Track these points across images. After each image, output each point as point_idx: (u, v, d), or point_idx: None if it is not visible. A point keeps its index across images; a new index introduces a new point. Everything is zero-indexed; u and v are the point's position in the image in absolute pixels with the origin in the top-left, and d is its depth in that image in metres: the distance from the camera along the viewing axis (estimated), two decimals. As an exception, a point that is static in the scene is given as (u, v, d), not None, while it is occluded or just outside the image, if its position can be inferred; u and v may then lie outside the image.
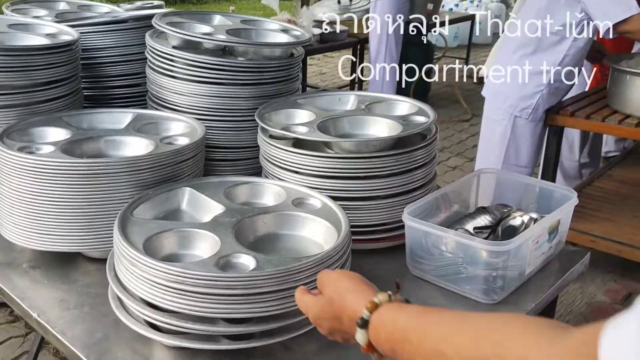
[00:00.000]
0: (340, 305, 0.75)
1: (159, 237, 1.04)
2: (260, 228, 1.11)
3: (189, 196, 1.19)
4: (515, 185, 1.47)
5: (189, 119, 1.43)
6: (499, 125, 2.70)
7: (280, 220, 1.13)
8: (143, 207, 1.13)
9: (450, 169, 4.33)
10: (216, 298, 0.92)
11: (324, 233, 1.09)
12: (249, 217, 1.10)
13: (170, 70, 1.50)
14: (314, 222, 1.12)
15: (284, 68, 1.55)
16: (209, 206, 1.15)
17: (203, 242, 1.04)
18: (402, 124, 1.35)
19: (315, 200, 1.19)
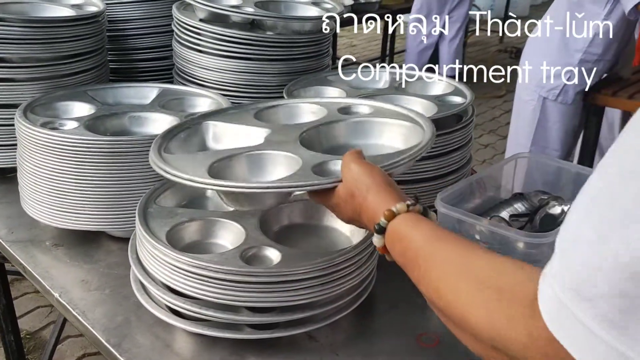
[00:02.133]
0: (360, 204, 0.76)
1: (182, 225, 1.00)
2: (285, 218, 1.08)
3: None
4: (554, 171, 1.39)
5: (215, 95, 1.39)
6: (529, 106, 2.62)
7: (306, 211, 1.09)
8: (166, 193, 1.10)
9: (483, 147, 4.23)
10: (240, 286, 0.89)
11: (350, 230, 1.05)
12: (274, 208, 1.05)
13: (197, 44, 1.45)
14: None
15: (314, 43, 1.49)
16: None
17: (227, 231, 1.01)
18: (437, 104, 1.28)
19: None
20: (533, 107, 2.62)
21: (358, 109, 1.07)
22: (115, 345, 0.95)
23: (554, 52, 2.50)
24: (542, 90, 2.54)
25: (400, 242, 0.70)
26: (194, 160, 0.91)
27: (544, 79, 2.52)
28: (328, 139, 0.99)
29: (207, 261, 0.88)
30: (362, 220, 0.78)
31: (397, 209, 0.71)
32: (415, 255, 0.67)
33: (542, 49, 2.56)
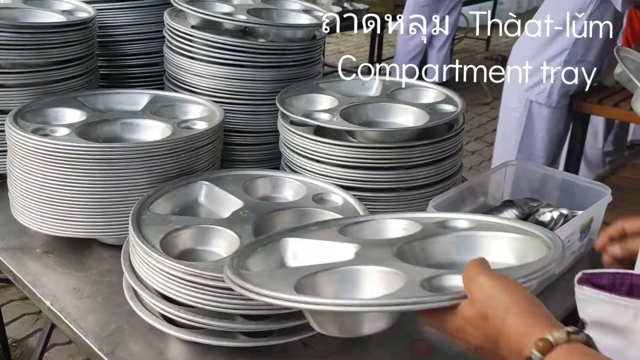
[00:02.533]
0: (497, 329, 0.62)
1: (176, 233, 1.00)
2: (280, 225, 1.07)
3: (206, 190, 1.15)
4: (540, 178, 1.41)
5: (207, 102, 1.39)
6: (515, 113, 2.65)
7: (301, 217, 1.08)
8: (160, 200, 1.09)
9: (469, 154, 4.26)
10: (235, 294, 0.88)
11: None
12: (269, 214, 1.06)
13: (189, 51, 1.45)
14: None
15: (305, 51, 1.49)
16: (227, 200, 1.11)
17: (221, 239, 1.00)
18: (428, 112, 1.29)
19: (336, 197, 1.14)
20: (519, 114, 2.65)
21: (457, 223, 0.94)
22: (109, 353, 0.95)
23: (539, 52, 2.54)
24: (529, 94, 2.57)
25: None
26: (276, 276, 0.81)
27: (528, 79, 2.55)
28: (427, 256, 0.86)
29: (202, 269, 0.88)
30: (500, 349, 0.63)
31: (554, 339, 0.57)
32: None
33: (527, 50, 2.59)
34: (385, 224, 0.96)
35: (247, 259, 0.85)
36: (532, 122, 2.64)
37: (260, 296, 0.72)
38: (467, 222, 0.93)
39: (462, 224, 0.93)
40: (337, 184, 1.21)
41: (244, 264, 0.84)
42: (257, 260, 0.86)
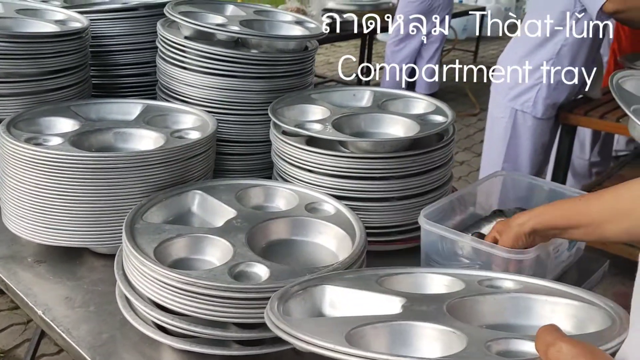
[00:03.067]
0: None
1: (170, 242, 1.00)
2: (272, 234, 1.08)
3: (199, 199, 1.16)
4: (527, 187, 1.43)
5: (200, 112, 1.40)
6: (501, 123, 2.68)
7: (293, 226, 1.09)
8: (153, 209, 1.10)
9: (458, 164, 4.29)
10: (228, 302, 0.89)
11: (337, 240, 1.06)
12: (261, 223, 1.07)
13: (181, 61, 1.46)
14: (328, 229, 1.08)
15: (297, 62, 1.51)
16: (220, 210, 1.12)
17: (214, 247, 1.01)
18: (419, 123, 1.31)
19: (328, 206, 1.16)
20: (505, 124, 2.68)
21: (503, 283, 0.90)
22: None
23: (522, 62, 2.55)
24: (515, 104, 2.60)
25: None
26: (323, 324, 0.77)
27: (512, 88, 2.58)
28: (478, 316, 0.81)
29: (196, 277, 0.89)
30: None
31: None
32: None
33: (511, 60, 2.62)
34: (426, 278, 0.92)
35: (287, 302, 0.81)
36: (518, 132, 2.67)
37: (314, 347, 0.68)
38: (513, 283, 0.90)
39: (508, 284, 0.90)
40: (329, 194, 1.22)
41: (284, 308, 0.80)
42: (294, 305, 0.82)
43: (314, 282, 0.87)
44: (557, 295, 0.84)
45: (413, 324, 0.75)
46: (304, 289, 0.85)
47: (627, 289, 3.04)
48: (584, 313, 0.80)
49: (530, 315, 0.82)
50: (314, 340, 0.68)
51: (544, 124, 2.65)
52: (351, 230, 1.08)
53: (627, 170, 3.42)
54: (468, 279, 0.90)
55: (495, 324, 0.81)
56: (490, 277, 0.92)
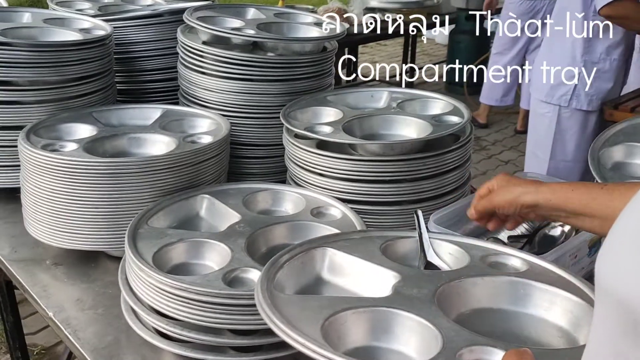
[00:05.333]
0: None
1: (170, 247, 1.01)
2: (274, 238, 1.07)
3: (207, 203, 1.17)
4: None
5: (215, 116, 1.41)
6: (545, 119, 2.60)
7: (296, 231, 1.08)
8: (160, 214, 1.11)
9: (503, 164, 4.17)
10: (222, 308, 0.89)
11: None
12: (263, 228, 1.06)
13: (200, 66, 1.47)
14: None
15: (315, 63, 1.50)
16: (226, 214, 1.12)
17: (214, 252, 1.01)
18: (433, 124, 1.27)
19: (335, 210, 1.14)
20: (549, 119, 2.60)
21: (508, 261, 0.89)
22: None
23: (558, 55, 2.50)
24: (552, 99, 2.53)
25: None
26: (306, 307, 0.75)
27: (552, 85, 2.52)
28: (469, 300, 0.80)
29: (188, 283, 0.89)
30: None
31: None
32: None
33: (547, 56, 2.56)
34: (432, 245, 0.93)
35: (282, 268, 0.82)
36: (562, 127, 2.59)
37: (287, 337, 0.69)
38: (520, 262, 0.88)
39: (514, 263, 0.88)
40: (340, 198, 1.21)
41: (277, 279, 0.80)
42: (292, 269, 0.84)
43: (316, 243, 0.90)
44: (559, 285, 0.81)
45: (396, 313, 0.75)
46: (306, 250, 0.87)
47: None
48: (582, 311, 0.77)
49: (527, 303, 0.80)
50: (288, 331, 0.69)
51: (589, 115, 2.56)
52: (355, 235, 1.06)
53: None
54: (473, 253, 0.89)
55: (489, 308, 0.80)
56: (497, 252, 0.90)
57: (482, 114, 4.70)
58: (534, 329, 0.78)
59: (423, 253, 0.91)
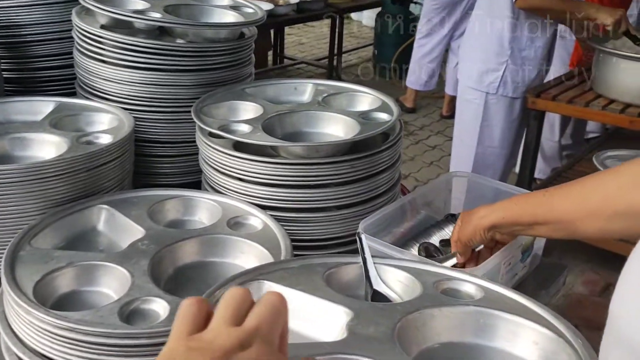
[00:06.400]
0: None
1: (57, 273, 0.85)
2: (184, 257, 0.93)
3: (106, 215, 1.01)
4: (489, 191, 1.31)
5: (117, 111, 1.24)
6: (472, 105, 2.61)
7: (209, 247, 0.95)
8: (47, 230, 0.95)
9: (430, 149, 4.18)
10: (119, 350, 0.75)
11: (261, 261, 0.92)
12: (172, 245, 0.93)
13: (99, 54, 1.30)
14: (250, 248, 0.94)
15: (231, 51, 1.35)
16: (128, 228, 0.98)
17: (111, 278, 0.86)
18: (361, 122, 1.17)
19: (255, 220, 1.02)
20: (476, 105, 2.61)
21: (462, 287, 0.81)
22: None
23: (486, 46, 2.51)
24: (481, 86, 2.54)
25: None
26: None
27: (480, 72, 2.53)
28: (429, 335, 0.72)
29: (76, 321, 0.75)
30: None
31: None
32: None
33: (474, 44, 2.57)
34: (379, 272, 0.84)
35: None
36: (490, 113, 2.61)
37: None
38: (474, 288, 0.80)
39: (468, 289, 0.81)
40: (260, 204, 1.08)
41: None
42: None
43: (250, 276, 0.77)
44: (519, 313, 0.74)
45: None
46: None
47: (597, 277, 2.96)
48: (549, 344, 0.70)
49: (491, 335, 0.73)
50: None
51: (515, 103, 2.58)
52: (276, 249, 0.94)
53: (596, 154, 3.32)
54: (424, 280, 0.81)
55: (450, 342, 0.73)
56: (449, 277, 0.83)
57: (409, 98, 4.69)
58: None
59: (369, 282, 0.81)
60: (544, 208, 0.92)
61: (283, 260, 0.82)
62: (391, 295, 0.81)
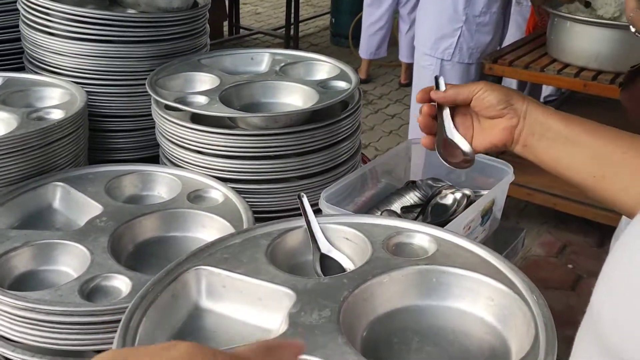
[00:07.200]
0: None
1: (13, 253, 0.83)
2: (144, 232, 0.92)
3: (61, 193, 0.99)
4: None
5: (67, 85, 1.20)
6: (428, 71, 2.62)
7: (170, 221, 0.94)
8: (1, 210, 0.92)
9: (389, 117, 4.19)
10: (82, 328, 0.74)
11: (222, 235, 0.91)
12: (131, 221, 0.91)
13: (46, 26, 1.25)
14: (212, 221, 0.94)
15: (185, 21, 1.32)
16: (85, 205, 0.95)
17: (70, 256, 0.85)
18: (319, 91, 1.16)
19: (216, 193, 1.01)
20: (432, 72, 2.62)
21: (414, 239, 0.78)
22: None
23: (440, 12, 2.51)
24: (436, 52, 2.55)
25: None
26: None
27: (435, 41, 2.53)
28: (379, 304, 0.69)
29: (34, 301, 0.73)
30: None
31: None
32: None
33: (428, 11, 2.57)
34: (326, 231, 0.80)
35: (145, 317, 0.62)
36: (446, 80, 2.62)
37: None
38: (427, 241, 0.76)
39: (420, 241, 0.76)
40: (221, 177, 1.07)
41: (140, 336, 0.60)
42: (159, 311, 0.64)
43: (186, 264, 0.70)
44: (472, 268, 0.70)
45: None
46: (172, 280, 0.67)
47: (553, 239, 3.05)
48: (504, 299, 0.68)
49: (444, 294, 0.70)
50: None
51: (470, 69, 2.60)
52: (238, 222, 0.94)
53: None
54: (374, 235, 0.77)
55: (402, 307, 0.69)
56: (399, 230, 0.79)
57: (362, 68, 4.65)
58: (455, 321, 0.68)
59: (316, 246, 0.80)
60: (602, 130, 0.72)
61: (224, 237, 0.76)
62: (339, 259, 0.78)
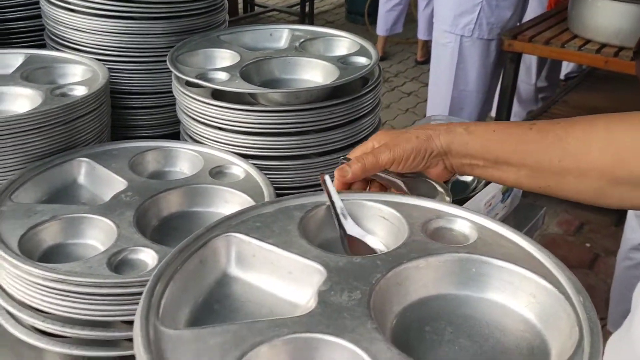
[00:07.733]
0: None
1: (41, 226, 0.85)
2: (169, 207, 0.93)
3: (86, 168, 1.00)
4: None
5: (89, 62, 1.21)
6: (447, 49, 2.60)
7: (193, 196, 0.95)
8: (27, 185, 0.94)
9: (406, 95, 4.17)
10: (110, 299, 0.76)
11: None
12: (156, 196, 0.92)
13: (67, 2, 1.25)
14: (234, 197, 0.95)
15: (205, -3, 1.32)
16: (110, 180, 0.97)
17: (97, 230, 0.86)
18: (340, 67, 1.16)
19: (237, 169, 1.02)
20: (451, 49, 2.60)
21: (455, 225, 0.71)
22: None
23: None
24: (456, 29, 2.52)
25: None
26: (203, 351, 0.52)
27: (455, 17, 2.50)
28: (413, 289, 0.65)
29: (65, 273, 0.75)
30: None
31: None
32: None
33: None
34: (362, 209, 0.74)
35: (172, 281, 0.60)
36: (465, 57, 2.60)
37: None
38: (468, 227, 0.70)
39: (461, 227, 0.71)
40: (242, 153, 1.08)
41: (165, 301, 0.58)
42: (186, 277, 0.62)
43: (215, 231, 0.67)
44: (516, 261, 0.64)
45: (322, 341, 0.56)
46: (203, 244, 0.65)
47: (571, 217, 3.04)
48: (547, 297, 0.62)
49: (483, 285, 0.65)
50: None
51: (490, 45, 2.57)
52: (260, 197, 0.95)
53: (572, 96, 3.37)
54: (412, 217, 0.71)
55: (437, 294, 0.65)
56: (440, 214, 0.72)
57: (378, 45, 4.61)
58: (492, 315, 0.64)
59: (341, 227, 0.73)
60: (530, 146, 0.71)
61: (258, 204, 0.73)
62: (369, 240, 0.73)
